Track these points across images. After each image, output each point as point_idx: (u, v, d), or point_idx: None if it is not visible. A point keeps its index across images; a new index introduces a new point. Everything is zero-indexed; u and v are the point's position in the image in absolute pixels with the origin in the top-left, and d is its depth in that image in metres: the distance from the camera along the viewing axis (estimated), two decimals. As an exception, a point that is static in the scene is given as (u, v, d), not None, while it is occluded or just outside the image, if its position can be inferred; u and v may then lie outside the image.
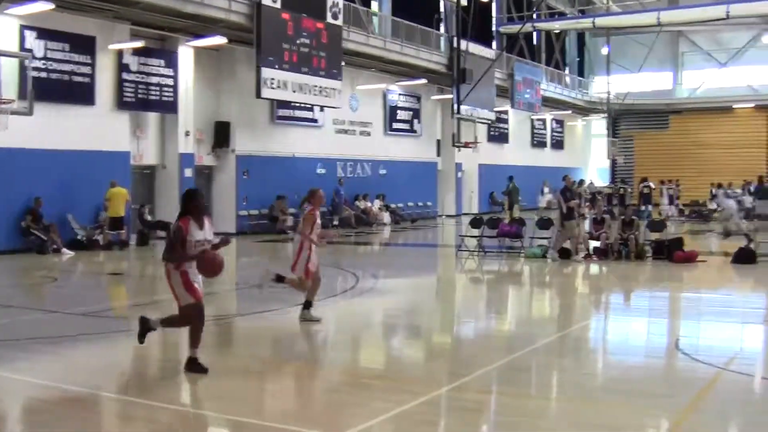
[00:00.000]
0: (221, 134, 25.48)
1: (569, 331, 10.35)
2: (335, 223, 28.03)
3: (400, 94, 33.98)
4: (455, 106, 30.90)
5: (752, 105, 48.07)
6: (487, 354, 8.85)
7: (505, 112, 40.33)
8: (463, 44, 30.94)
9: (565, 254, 18.26)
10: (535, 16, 39.84)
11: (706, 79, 50.14)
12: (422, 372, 8.21)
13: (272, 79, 22.95)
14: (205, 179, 25.43)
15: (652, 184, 37.18)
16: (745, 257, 17.07)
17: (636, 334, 10.63)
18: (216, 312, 11.05)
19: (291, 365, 8.46)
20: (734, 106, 48.06)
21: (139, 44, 21.88)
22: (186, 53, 23.63)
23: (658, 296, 14.01)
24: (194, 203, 7.83)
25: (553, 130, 48.20)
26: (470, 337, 10.61)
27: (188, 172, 23.67)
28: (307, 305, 10.45)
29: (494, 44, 39.51)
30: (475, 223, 20.29)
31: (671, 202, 37.14)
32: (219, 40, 23.28)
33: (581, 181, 36.63)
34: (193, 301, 7.72)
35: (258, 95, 22.89)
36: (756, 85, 48.75)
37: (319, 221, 10.41)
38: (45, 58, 19.62)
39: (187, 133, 23.68)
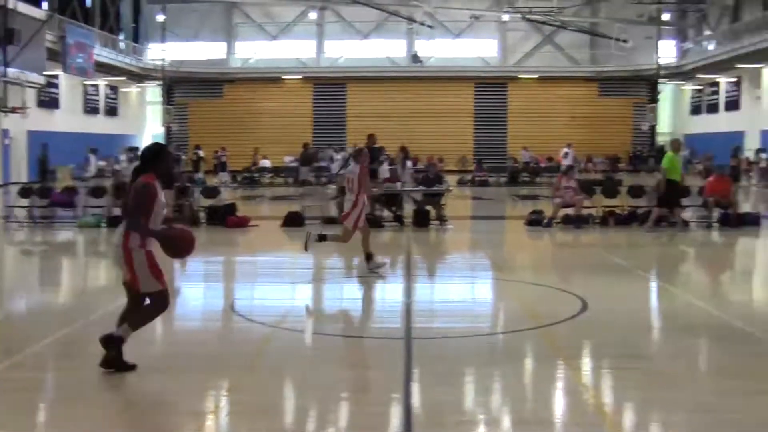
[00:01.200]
0: None
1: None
2: None
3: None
4: (1, 69, 28.64)
5: (300, 77, 51.17)
6: (41, 329, 8.36)
7: (56, 77, 38.24)
8: (11, 2, 28.71)
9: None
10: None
11: (258, 50, 52.34)
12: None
13: None
14: None
15: (201, 152, 37.94)
16: (293, 221, 18.15)
17: (194, 300, 10.78)
18: None
19: None
20: (284, 77, 50.68)
21: None
22: None
23: (213, 261, 14.33)
24: (162, 162, 6.38)
25: (107, 96, 46.73)
26: (22, 312, 9.96)
27: None
28: (369, 257, 11.48)
29: (45, 4, 37.16)
30: (25, 192, 19.08)
31: (223, 169, 38.26)
32: None
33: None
34: (161, 287, 6.38)
35: None
36: (303, 58, 52.13)
37: None
38: None
39: None
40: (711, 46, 45.60)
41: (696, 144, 47.71)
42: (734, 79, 45.09)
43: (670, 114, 54.86)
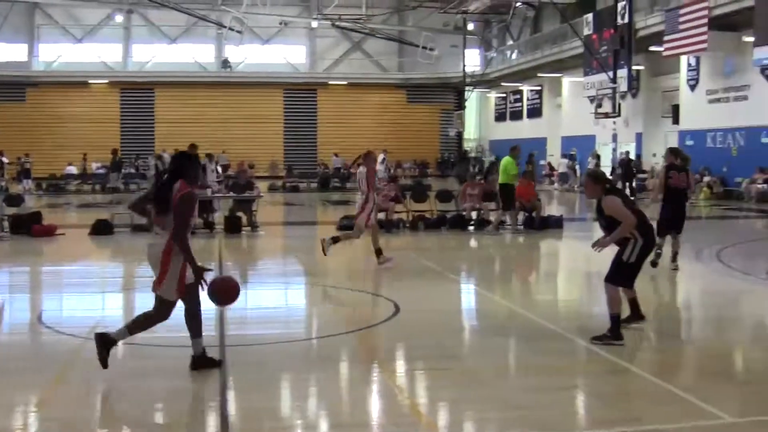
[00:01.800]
0: None
1: None
2: None
3: None
4: None
5: (106, 81, 49.40)
6: None
7: None
8: None
9: None
10: None
11: (62, 53, 50.04)
12: None
13: None
14: None
15: (4, 159, 36.02)
16: (102, 229, 17.52)
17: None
18: None
19: None
20: (89, 82, 48.80)
21: None
22: None
23: (19, 271, 13.61)
24: (192, 168, 6.86)
25: None
26: None
27: None
28: (379, 252, 12.62)
29: None
30: None
31: (27, 176, 36.43)
32: None
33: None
34: (176, 298, 6.65)
35: None
36: (110, 62, 50.31)
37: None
38: None
39: None
40: (514, 56, 47.87)
41: (500, 150, 49.85)
42: (537, 88, 47.52)
43: (476, 121, 57.05)
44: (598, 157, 37.36)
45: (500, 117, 54.55)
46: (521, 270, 14.52)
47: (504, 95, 53.03)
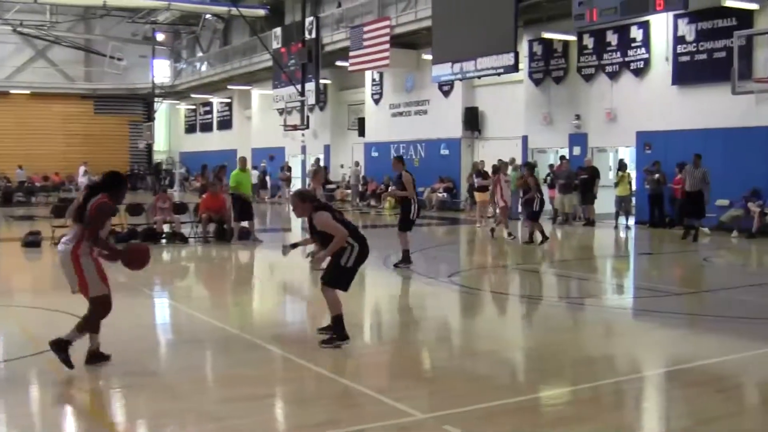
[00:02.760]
0: None
1: None
2: None
3: None
4: None
5: None
6: None
7: None
8: None
9: None
10: None
11: None
12: None
13: None
14: None
15: None
16: None
17: None
18: None
19: None
20: None
21: None
22: None
23: None
24: (120, 187, 7.50)
25: None
26: None
27: None
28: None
29: None
30: None
31: None
32: None
33: None
34: (108, 291, 7.24)
35: None
36: None
37: None
38: None
39: None
40: (204, 68, 47.61)
41: (190, 162, 49.37)
42: (227, 100, 47.60)
43: (166, 132, 56.05)
44: (289, 169, 38.12)
45: (190, 129, 54.01)
46: (215, 281, 14.45)
47: (194, 107, 52.58)
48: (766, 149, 19.98)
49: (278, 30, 38.32)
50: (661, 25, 22.67)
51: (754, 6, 20.04)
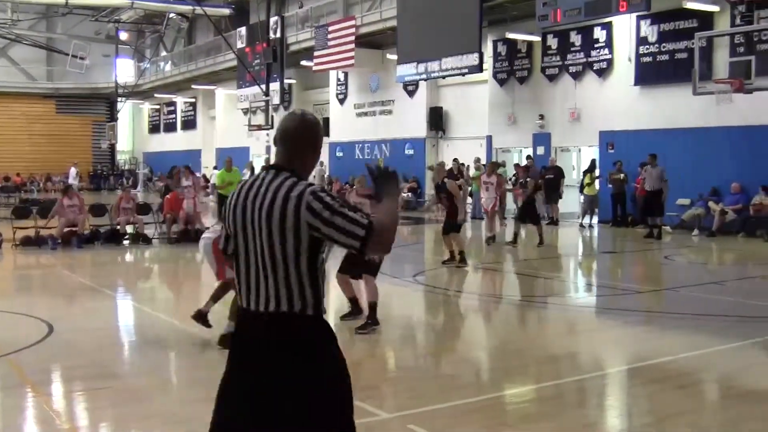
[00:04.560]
0: None
1: None
2: None
3: None
4: None
5: None
6: None
7: None
8: None
9: None
10: None
11: None
12: None
13: None
14: None
15: None
16: None
17: None
18: None
19: None
20: None
21: None
22: None
23: None
24: None
25: None
26: None
27: None
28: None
29: None
30: None
31: None
32: None
33: None
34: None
35: None
36: None
37: None
38: None
39: None
40: (168, 67, 47.30)
41: (154, 162, 49.05)
42: (191, 99, 47.31)
43: (130, 132, 55.59)
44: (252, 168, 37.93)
45: (154, 129, 53.63)
46: (176, 283, 14.37)
47: (158, 107, 52.21)
48: (726, 149, 20.29)
49: (243, 29, 38.16)
50: (624, 26, 22.93)
51: (714, 8, 20.34)
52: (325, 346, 3.21)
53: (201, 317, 8.32)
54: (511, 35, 25.96)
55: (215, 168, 40.46)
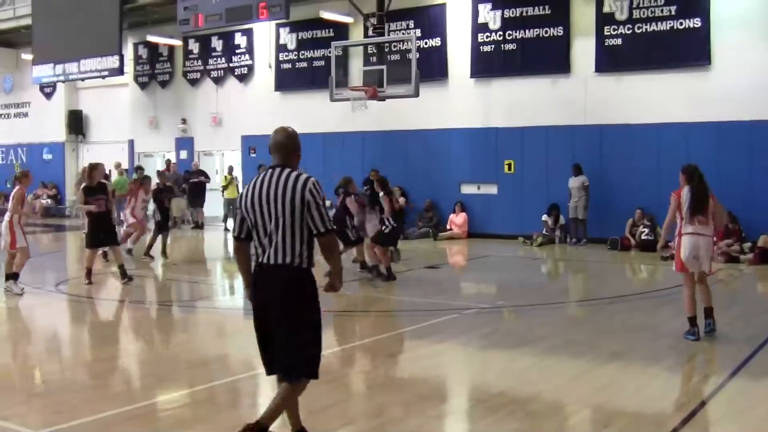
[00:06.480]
0: None
1: None
2: None
3: None
4: None
5: None
6: None
7: None
8: None
9: None
10: None
11: None
12: None
13: None
14: None
15: None
16: None
17: None
18: None
19: None
20: None
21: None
22: None
23: None
24: None
25: None
26: None
27: None
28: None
29: None
30: None
31: None
32: None
33: None
34: None
35: None
36: None
37: None
38: None
39: None
40: None
41: None
42: None
43: None
44: None
45: None
46: None
47: None
48: (360, 153, 21.66)
49: None
50: (265, 34, 23.60)
51: (348, 20, 21.60)
52: (308, 284, 5.11)
53: None
54: (152, 38, 25.56)
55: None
